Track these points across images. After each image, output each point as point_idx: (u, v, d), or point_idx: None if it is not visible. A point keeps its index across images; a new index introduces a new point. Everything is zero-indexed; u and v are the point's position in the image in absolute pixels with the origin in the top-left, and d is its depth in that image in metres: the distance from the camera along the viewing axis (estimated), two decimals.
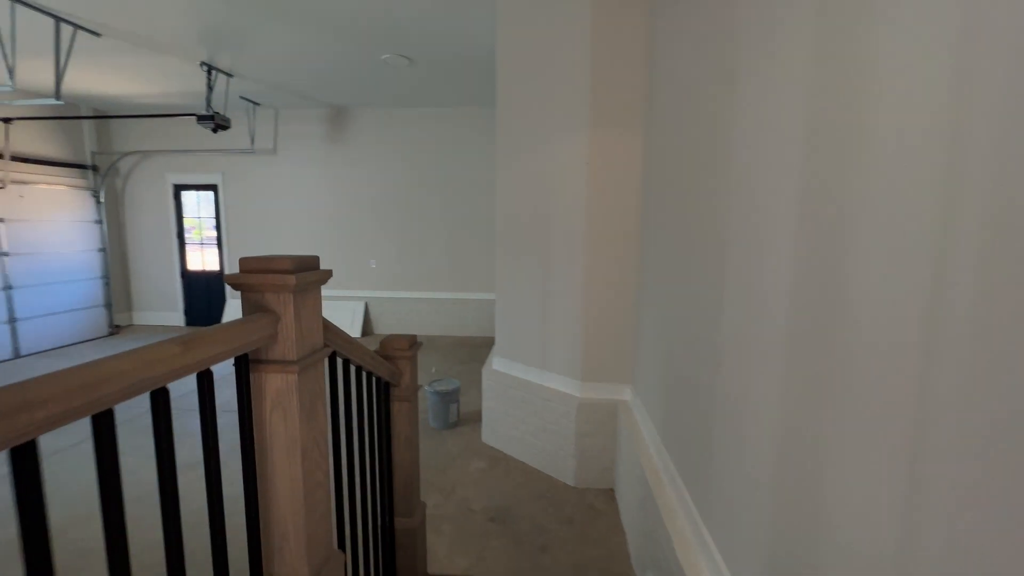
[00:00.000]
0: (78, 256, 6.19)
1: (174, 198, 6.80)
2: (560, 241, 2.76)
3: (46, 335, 5.76)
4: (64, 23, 3.69)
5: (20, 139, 5.52)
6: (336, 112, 6.37)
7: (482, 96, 5.70)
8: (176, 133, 6.55)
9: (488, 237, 6.34)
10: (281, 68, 4.74)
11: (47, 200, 5.81)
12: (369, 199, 6.47)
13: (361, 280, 6.62)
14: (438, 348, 5.91)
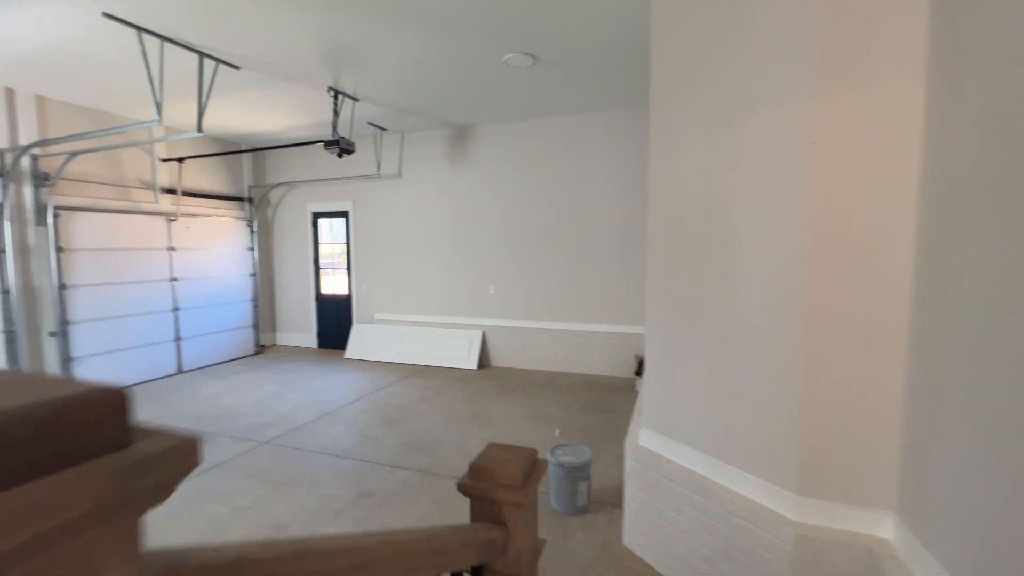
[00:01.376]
0: (233, 281, 6.74)
1: (312, 225, 7.14)
2: (757, 258, 1.81)
3: (203, 353, 6.28)
4: (207, 58, 3.81)
5: (191, 176, 6.18)
6: (457, 132, 6.10)
7: (619, 95, 4.90)
8: (316, 164, 6.89)
9: (620, 260, 5.44)
10: (401, 84, 4.51)
11: (210, 230, 6.41)
12: (489, 220, 6.04)
13: (479, 307, 6.17)
14: (560, 388, 5.12)
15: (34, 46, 3.61)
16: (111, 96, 4.77)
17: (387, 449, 3.61)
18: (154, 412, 4.49)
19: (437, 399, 4.79)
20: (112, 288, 5.31)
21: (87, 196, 5.10)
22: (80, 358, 5.04)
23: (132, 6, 3.06)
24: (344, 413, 4.41)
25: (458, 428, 4.01)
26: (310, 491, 2.99)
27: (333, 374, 5.78)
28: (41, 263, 4.76)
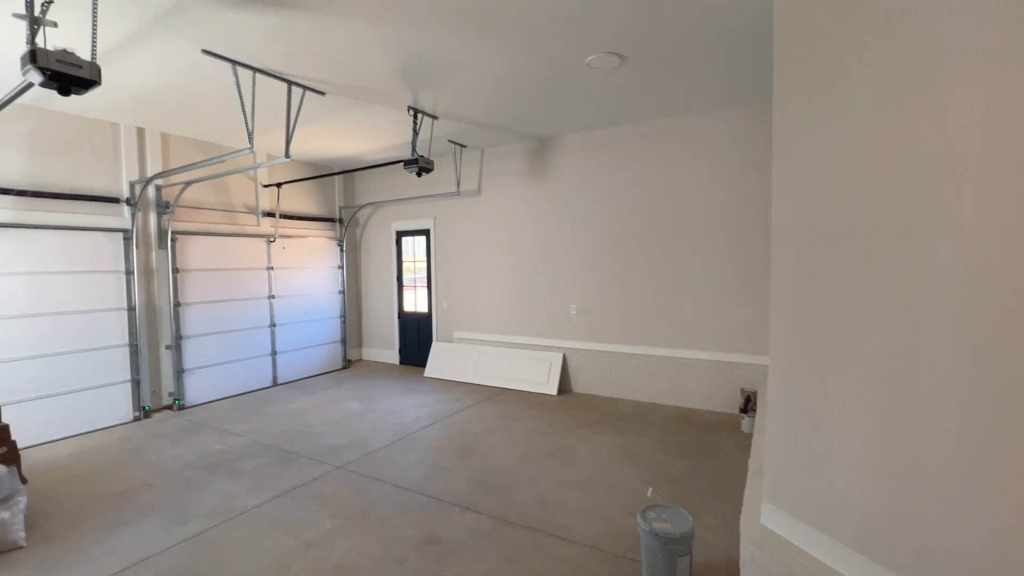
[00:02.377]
0: (324, 298, 7.04)
1: (396, 243, 7.28)
2: (944, 270, 1.26)
3: (296, 367, 6.59)
4: (294, 86, 3.93)
5: (288, 199, 6.57)
6: (537, 145, 5.84)
7: (720, 93, 4.32)
8: (399, 183, 7.03)
9: (722, 279, 4.77)
10: (480, 98, 4.35)
11: (304, 250, 6.76)
12: (570, 236, 5.67)
13: (560, 328, 5.79)
14: (651, 423, 4.55)
15: (151, 87, 3.95)
16: (216, 128, 5.17)
17: (458, 485, 3.34)
18: (247, 426, 4.68)
19: (514, 428, 4.48)
20: (218, 305, 5.73)
21: (199, 221, 5.58)
22: (190, 370, 5.46)
23: (227, 41, 3.18)
24: (418, 439, 4.25)
25: (535, 466, 3.64)
26: (375, 530, 2.80)
27: (411, 394, 5.72)
28: (161, 283, 5.24)
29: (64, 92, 2.42)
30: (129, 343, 4.95)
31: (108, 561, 2.55)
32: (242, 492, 3.30)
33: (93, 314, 4.71)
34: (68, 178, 4.57)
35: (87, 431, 4.61)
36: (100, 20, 2.80)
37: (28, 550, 2.66)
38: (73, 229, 4.57)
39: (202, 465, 3.76)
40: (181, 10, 2.81)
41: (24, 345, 4.28)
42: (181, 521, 2.93)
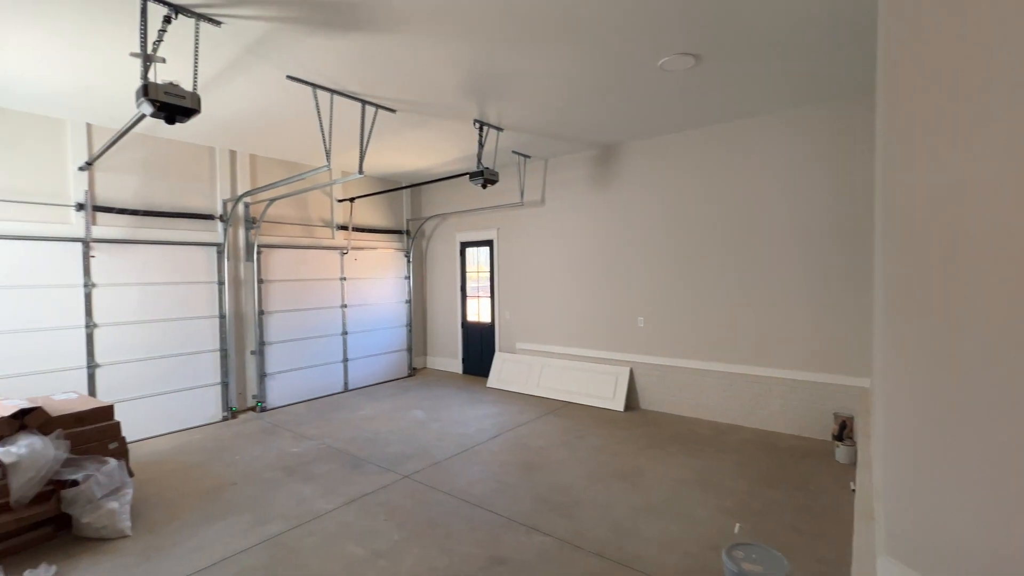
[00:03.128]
0: (391, 307, 7.28)
1: (460, 254, 7.39)
2: None
3: (364, 374, 6.84)
4: (368, 105, 4.09)
5: (360, 213, 6.88)
6: (604, 152, 5.70)
7: (809, 90, 3.99)
8: (464, 195, 7.15)
9: (811, 291, 4.36)
10: (545, 108, 4.30)
11: (374, 261, 7.04)
12: (637, 245, 5.45)
13: (626, 341, 5.57)
14: (729, 447, 4.22)
15: (242, 113, 4.28)
16: (297, 148, 5.52)
17: (523, 503, 3.26)
18: (319, 430, 4.89)
19: (579, 445, 4.33)
20: (297, 314, 6.08)
21: (281, 235, 5.97)
22: (272, 374, 5.82)
23: (308, 67, 3.37)
24: (481, 452, 4.22)
25: (603, 487, 3.48)
26: (442, 545, 2.77)
27: (474, 404, 5.73)
28: (247, 292, 5.65)
29: (170, 121, 2.65)
30: (220, 348, 5.36)
31: (199, 556, 2.71)
32: (316, 496, 3.42)
33: (190, 321, 5.15)
34: (171, 198, 5.06)
35: (183, 428, 5.03)
36: (200, 54, 3.05)
37: (133, 539, 2.90)
38: (175, 244, 5.04)
39: (280, 467, 3.96)
40: (268, 40, 3.00)
41: (134, 349, 4.75)
42: (262, 521, 3.08)
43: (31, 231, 4.19)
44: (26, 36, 2.91)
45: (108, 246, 4.60)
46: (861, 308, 4.12)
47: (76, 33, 2.87)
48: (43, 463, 2.78)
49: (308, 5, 2.63)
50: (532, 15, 2.75)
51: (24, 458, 2.72)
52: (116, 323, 4.63)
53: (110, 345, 4.59)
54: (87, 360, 4.46)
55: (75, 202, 4.43)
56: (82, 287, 4.44)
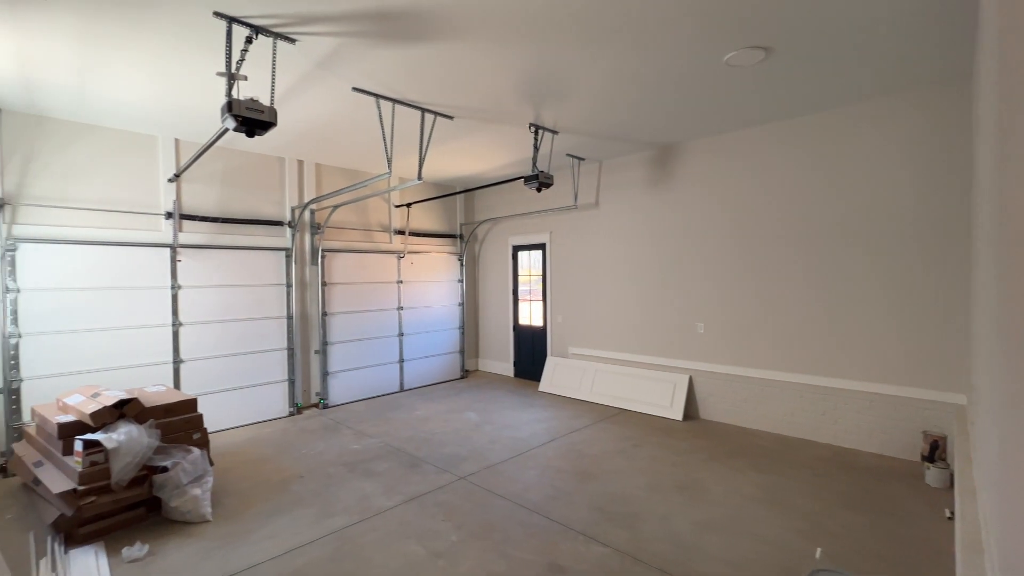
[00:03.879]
0: (445, 310, 7.42)
1: (512, 258, 7.42)
2: None
3: (419, 374, 7.00)
4: (427, 113, 4.20)
5: (416, 218, 7.07)
6: (661, 152, 5.54)
7: (894, 77, 3.69)
8: (517, 199, 7.18)
9: (895, 297, 4.01)
10: (601, 110, 4.24)
11: (428, 265, 7.21)
12: (697, 249, 5.24)
13: (685, 348, 5.36)
14: (799, 463, 3.95)
15: (310, 124, 4.51)
16: (359, 156, 5.75)
17: (579, 511, 3.20)
18: (378, 429, 5.05)
19: (636, 454, 4.21)
20: (357, 316, 6.32)
21: (343, 240, 6.24)
22: (333, 373, 6.08)
23: (372, 78, 3.50)
24: (536, 456, 4.19)
25: (663, 499, 3.35)
26: (499, 549, 2.77)
27: (527, 408, 5.72)
28: (312, 295, 5.94)
29: (250, 134, 2.83)
30: (287, 347, 5.67)
31: (271, 544, 2.87)
32: (376, 493, 3.53)
33: (261, 321, 5.48)
34: (246, 206, 5.42)
35: (253, 422, 5.36)
36: (275, 71, 3.24)
37: (213, 524, 3.11)
38: (248, 249, 5.39)
39: (342, 463, 4.12)
40: (337, 54, 3.15)
41: (213, 346, 5.12)
42: (327, 515, 3.21)
43: (129, 238, 4.62)
44: (127, 64, 3.21)
45: (191, 251, 4.99)
46: (952, 318, 3.74)
47: (169, 58, 3.14)
48: (138, 449, 3.04)
49: (374, 19, 2.73)
50: (591, 15, 2.71)
51: (123, 444, 2.99)
52: (197, 322, 5.01)
53: (192, 342, 4.97)
54: (173, 356, 4.85)
55: (165, 211, 4.84)
56: (170, 289, 4.84)
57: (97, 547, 2.83)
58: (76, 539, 2.87)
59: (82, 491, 2.87)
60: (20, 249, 4.07)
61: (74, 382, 4.24)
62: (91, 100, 3.87)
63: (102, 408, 3.12)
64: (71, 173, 4.35)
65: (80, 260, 4.34)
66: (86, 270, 4.37)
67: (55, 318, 4.21)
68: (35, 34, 2.85)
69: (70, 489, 2.87)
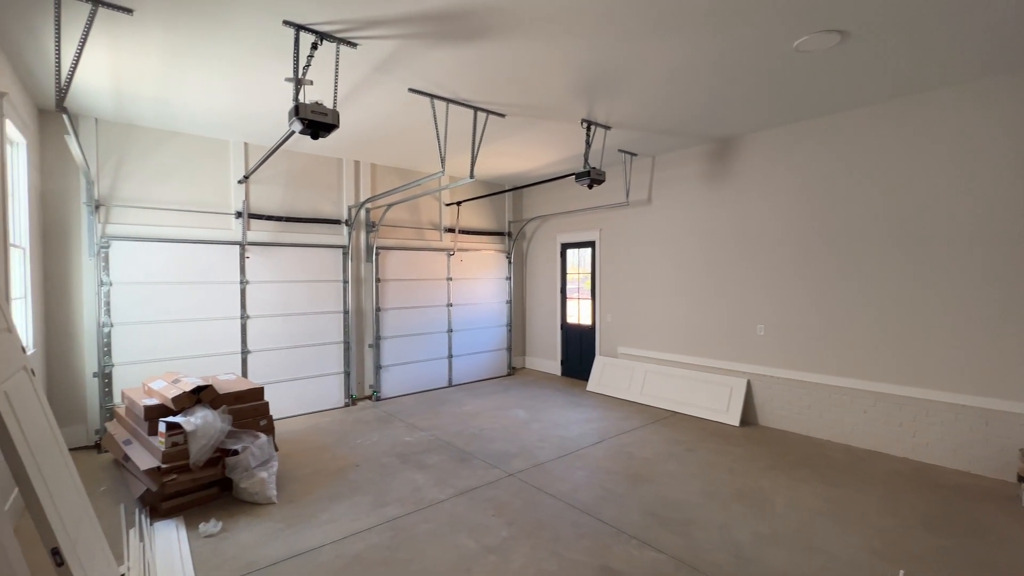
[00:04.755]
0: (493, 307, 7.48)
1: (560, 256, 7.37)
2: None
3: (466, 370, 7.10)
4: (479, 111, 4.23)
5: (465, 216, 7.16)
6: (719, 146, 5.31)
7: (986, 59, 3.35)
8: (566, 196, 7.12)
9: (987, 298, 3.65)
10: (656, 104, 4.11)
11: (477, 262, 7.29)
12: (757, 246, 4.99)
13: (743, 350, 5.12)
14: (873, 477, 3.68)
15: (367, 125, 4.66)
16: (411, 156, 5.89)
17: (631, 514, 3.13)
18: (429, 422, 5.17)
19: (689, 459, 4.07)
20: (408, 311, 6.49)
21: (395, 238, 6.42)
22: (386, 366, 6.28)
23: (427, 78, 3.57)
24: (585, 456, 4.14)
25: (721, 507, 3.22)
26: (550, 548, 2.76)
27: (575, 407, 5.66)
28: (366, 291, 6.16)
29: (315, 136, 2.96)
30: (343, 341, 5.91)
31: (331, 528, 2.99)
32: (428, 485, 3.61)
33: (319, 315, 5.74)
34: (306, 205, 5.68)
35: (312, 412, 5.62)
36: (337, 75, 3.37)
37: (278, 507, 3.28)
38: (308, 246, 5.66)
39: (395, 454, 4.24)
40: (394, 57, 3.22)
41: (275, 338, 5.41)
42: (381, 504, 3.32)
43: (203, 236, 4.96)
44: (206, 73, 3.44)
45: (258, 248, 5.29)
46: None
47: (241, 67, 3.34)
48: (213, 433, 3.26)
49: (432, 20, 2.77)
50: (649, 6, 2.63)
51: (199, 427, 3.22)
52: (263, 315, 5.32)
53: (258, 334, 5.28)
54: (241, 346, 5.17)
55: (235, 210, 5.16)
56: (239, 284, 5.16)
57: (177, 521, 3.06)
58: (160, 513, 3.12)
59: (165, 469, 3.12)
60: (112, 246, 4.47)
61: (156, 368, 4.62)
62: (172, 108, 4.18)
63: (182, 393, 3.37)
64: (153, 176, 4.73)
65: (161, 256, 4.71)
66: (166, 266, 4.74)
67: (140, 309, 4.59)
68: (128, 50, 3.10)
69: (155, 466, 3.12)
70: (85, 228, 4.39)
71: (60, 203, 4.30)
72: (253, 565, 2.62)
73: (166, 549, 2.75)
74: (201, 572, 2.56)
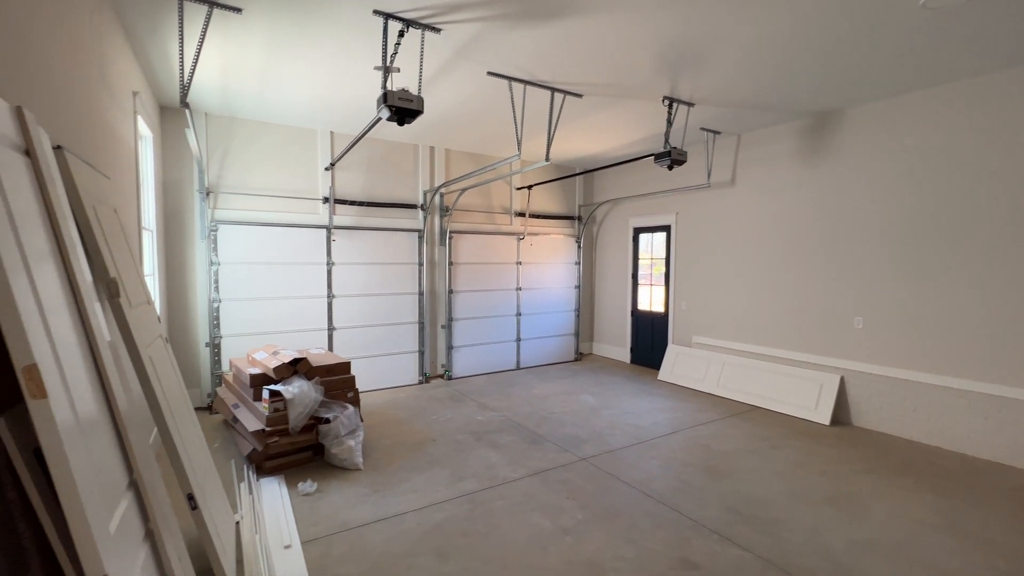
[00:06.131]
0: (561, 292, 7.44)
1: (633, 240, 7.15)
2: None
3: (534, 354, 7.16)
4: (556, 92, 4.16)
5: (536, 200, 7.13)
6: (815, 121, 4.85)
7: None
8: (639, 179, 6.87)
9: None
10: (748, 75, 3.82)
11: (546, 247, 7.26)
12: (856, 229, 4.54)
13: (837, 344, 4.72)
14: (994, 492, 3.28)
15: (444, 111, 4.74)
16: (485, 140, 5.93)
17: (710, 508, 3.02)
18: (499, 403, 5.28)
19: (773, 456, 3.85)
20: (479, 294, 6.63)
21: (467, 222, 6.54)
22: (457, 347, 6.48)
23: (506, 61, 3.55)
24: (659, 446, 4.05)
25: (810, 510, 3.02)
26: (626, 535, 2.74)
27: (646, 396, 5.54)
28: (439, 273, 6.35)
29: (401, 123, 3.05)
30: (418, 321, 6.16)
31: (413, 497, 3.17)
32: (502, 463, 3.70)
33: (396, 296, 6.01)
34: (385, 190, 5.92)
35: (389, 387, 5.94)
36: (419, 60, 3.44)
37: (363, 473, 3.52)
38: (387, 230, 5.91)
39: (469, 431, 4.39)
40: (475, 40, 3.23)
41: (357, 317, 5.75)
42: (458, 478, 3.45)
43: (294, 220, 5.34)
44: (301, 65, 3.66)
45: (342, 232, 5.62)
46: None
47: (332, 58, 3.50)
48: (308, 401, 3.55)
49: (514, 0, 2.74)
50: None
51: (297, 396, 3.51)
52: (346, 295, 5.66)
53: (342, 312, 5.64)
54: (328, 323, 5.55)
55: (322, 196, 5.49)
56: (325, 265, 5.52)
57: (279, 479, 3.38)
58: (264, 470, 3.46)
59: (269, 431, 3.44)
60: (220, 229, 4.94)
61: (257, 341, 5.08)
62: (269, 101, 4.50)
63: (281, 364, 3.68)
64: (252, 165, 5.13)
65: (259, 239, 5.14)
66: (264, 248, 5.16)
67: (243, 287, 5.06)
68: (235, 47, 3.36)
69: (260, 429, 3.46)
70: (198, 213, 4.87)
71: (177, 191, 4.80)
72: (345, 524, 2.84)
73: (271, 503, 3.05)
74: (302, 527, 2.81)
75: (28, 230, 1.24)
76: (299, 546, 2.60)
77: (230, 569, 2.18)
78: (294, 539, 2.66)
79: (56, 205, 1.44)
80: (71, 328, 1.36)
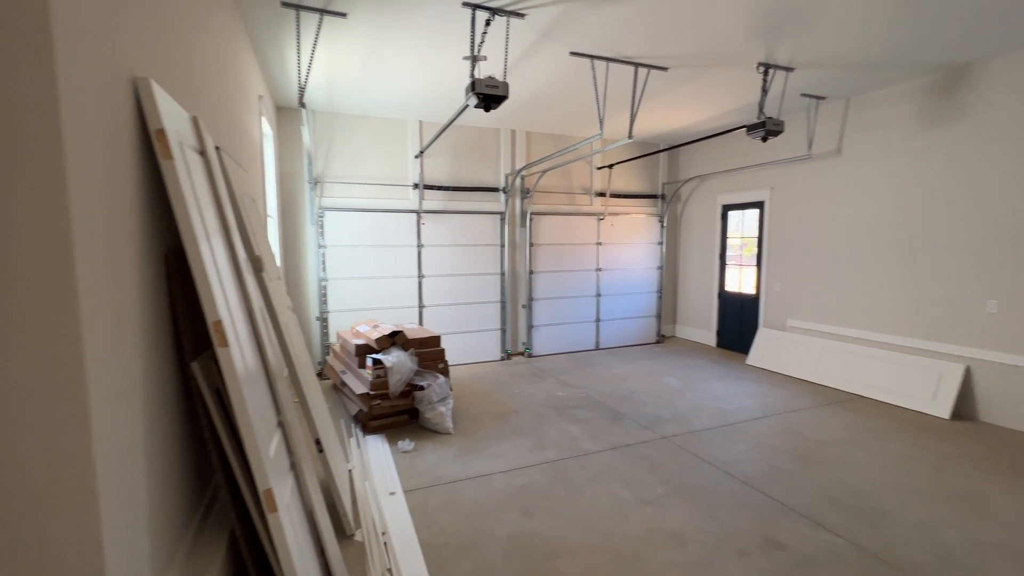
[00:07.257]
0: (642, 272, 7.30)
1: (721, 218, 6.81)
2: None
3: (614, 335, 7.14)
4: (640, 67, 4.07)
5: (616, 179, 7.02)
6: (945, 77, 4.26)
7: None
8: (729, 153, 6.49)
9: None
10: (862, 28, 3.46)
11: (628, 227, 7.14)
12: (992, 201, 3.97)
13: (963, 331, 4.21)
14: None
15: (526, 93, 4.83)
16: (566, 121, 5.93)
17: (802, 494, 2.92)
18: (579, 381, 5.39)
19: (878, 448, 3.57)
20: (558, 275, 6.73)
21: (548, 204, 6.62)
22: (537, 326, 6.66)
23: (589, 39, 3.55)
24: (745, 430, 3.93)
25: (921, 505, 2.80)
26: (709, 511, 2.75)
27: (733, 380, 5.33)
28: (520, 254, 6.53)
29: (487, 109, 3.21)
30: (500, 300, 6.42)
31: (498, 461, 3.41)
32: (583, 436, 3.82)
33: (480, 277, 6.30)
34: (469, 175, 6.18)
35: (474, 362, 6.28)
36: (503, 47, 3.56)
37: (454, 437, 3.83)
38: (471, 213, 6.18)
39: (550, 406, 4.55)
40: (558, 21, 3.27)
41: (444, 295, 6.12)
42: (540, 447, 3.64)
43: (388, 205, 5.78)
44: (394, 63, 3.94)
45: (431, 216, 5.98)
46: None
47: (424, 51, 3.73)
48: (405, 370, 3.91)
49: None
50: None
51: (395, 364, 3.89)
52: (434, 275, 6.04)
53: (430, 291, 6.04)
54: (418, 301, 5.98)
55: (412, 182, 5.87)
56: (416, 247, 5.93)
57: (382, 437, 3.80)
58: (368, 429, 3.89)
59: (372, 395, 3.86)
60: (326, 216, 5.49)
61: (358, 316, 5.63)
62: (366, 95, 4.88)
63: (382, 336, 4.08)
64: (351, 156, 5.61)
65: (358, 224, 5.64)
66: (362, 232, 5.66)
67: (346, 267, 5.60)
68: (341, 49, 3.71)
69: (365, 392, 3.88)
70: (308, 201, 5.46)
71: (291, 181, 5.41)
72: (440, 479, 3.15)
73: (376, 457, 3.45)
74: (403, 478, 3.16)
75: (207, 213, 1.56)
76: (402, 494, 2.94)
77: (348, 506, 2.54)
78: (397, 488, 3.01)
79: (221, 194, 1.77)
80: (236, 294, 1.69)
